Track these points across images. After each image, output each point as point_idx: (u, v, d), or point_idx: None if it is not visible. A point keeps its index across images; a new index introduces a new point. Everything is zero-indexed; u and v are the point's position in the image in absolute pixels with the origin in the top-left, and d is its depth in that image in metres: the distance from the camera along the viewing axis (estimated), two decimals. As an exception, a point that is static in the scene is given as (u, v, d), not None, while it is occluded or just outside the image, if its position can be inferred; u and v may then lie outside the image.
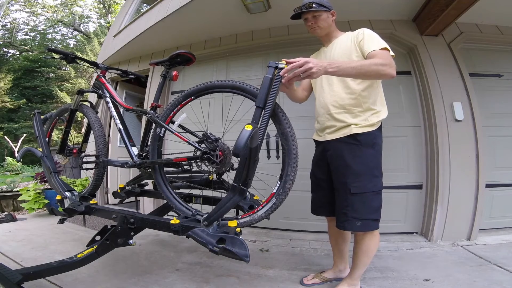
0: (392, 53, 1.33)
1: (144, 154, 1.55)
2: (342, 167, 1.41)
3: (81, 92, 1.90)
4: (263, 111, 1.15)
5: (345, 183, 1.38)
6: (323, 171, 1.56)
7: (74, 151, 1.96)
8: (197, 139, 1.37)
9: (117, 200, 2.38)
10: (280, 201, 1.21)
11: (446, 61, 2.54)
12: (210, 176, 1.63)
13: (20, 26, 18.22)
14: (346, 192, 1.38)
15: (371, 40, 1.36)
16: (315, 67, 1.15)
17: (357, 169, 1.37)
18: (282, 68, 1.18)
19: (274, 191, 1.23)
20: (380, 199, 1.40)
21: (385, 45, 1.33)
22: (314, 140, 1.67)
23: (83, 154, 1.93)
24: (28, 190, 3.74)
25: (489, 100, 2.56)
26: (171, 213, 1.74)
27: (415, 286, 1.60)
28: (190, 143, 1.33)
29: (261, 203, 1.27)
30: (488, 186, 2.40)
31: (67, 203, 1.75)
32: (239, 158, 1.07)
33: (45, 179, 3.73)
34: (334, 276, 1.68)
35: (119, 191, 2.02)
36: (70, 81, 16.74)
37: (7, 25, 17.68)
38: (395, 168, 2.48)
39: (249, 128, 0.95)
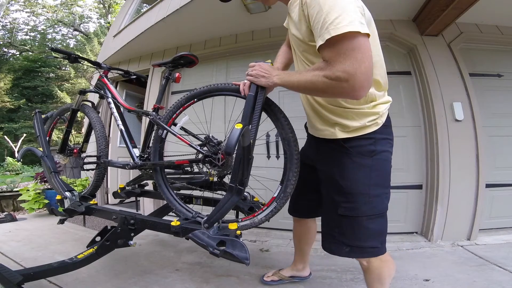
0: (364, 31, 0.77)
1: (145, 156, 1.56)
2: (329, 179, 1.11)
3: (83, 92, 1.90)
4: (254, 109, 1.13)
5: (334, 200, 1.09)
6: (307, 172, 1.29)
7: (75, 151, 1.96)
8: (199, 142, 1.38)
9: (117, 200, 2.39)
10: (280, 205, 1.22)
11: (446, 61, 2.54)
12: (210, 178, 1.63)
13: (20, 26, 18.24)
14: (333, 211, 1.09)
15: (316, 26, 0.83)
16: (257, 75, 1.07)
17: (345, 185, 1.04)
18: None
19: (275, 195, 1.23)
20: (380, 222, 1.06)
21: (334, 27, 0.76)
22: (306, 127, 1.37)
23: (84, 155, 1.94)
24: (28, 190, 3.74)
25: (489, 100, 2.56)
26: (171, 213, 1.74)
27: (415, 286, 1.60)
28: (192, 146, 1.33)
29: (262, 206, 1.27)
30: (488, 186, 2.40)
31: (67, 203, 1.76)
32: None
33: (45, 179, 3.74)
34: (291, 274, 1.69)
35: (119, 191, 2.02)
36: (70, 81, 16.75)
37: (7, 25, 17.69)
38: (395, 168, 2.42)
39: (239, 126, 0.94)
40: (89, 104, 1.94)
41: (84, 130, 2.82)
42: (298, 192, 1.35)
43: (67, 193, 1.77)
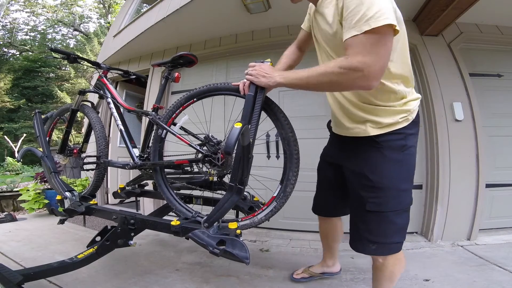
0: (397, 28, 0.83)
1: (145, 156, 1.56)
2: (356, 175, 1.12)
3: (82, 92, 1.90)
4: (253, 109, 1.14)
5: (360, 196, 1.09)
6: (332, 170, 1.31)
7: (75, 151, 1.96)
8: (199, 142, 1.37)
9: (117, 200, 2.38)
10: (280, 205, 1.22)
11: (446, 61, 2.54)
12: (210, 178, 1.63)
13: (20, 26, 18.23)
14: (360, 207, 1.10)
15: (351, 17, 0.84)
16: (257, 75, 1.07)
17: (375, 180, 1.05)
18: None
19: (275, 194, 1.24)
20: (406, 217, 1.08)
21: (375, 20, 0.79)
22: (329, 126, 1.37)
23: (84, 155, 1.94)
24: (28, 190, 3.74)
25: (489, 100, 2.56)
26: (171, 213, 1.74)
27: (415, 286, 1.60)
28: (192, 146, 1.33)
29: (261, 206, 1.28)
30: (488, 186, 2.40)
31: (67, 204, 1.76)
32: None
33: (45, 179, 3.74)
34: (321, 271, 1.69)
35: (119, 191, 2.02)
36: (70, 81, 16.75)
37: (7, 25, 17.69)
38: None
39: (238, 125, 0.94)
40: (89, 104, 1.94)
41: (84, 130, 2.82)
42: (322, 191, 1.43)
43: (67, 193, 1.77)
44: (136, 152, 1.59)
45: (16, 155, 12.88)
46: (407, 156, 1.06)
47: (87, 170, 1.77)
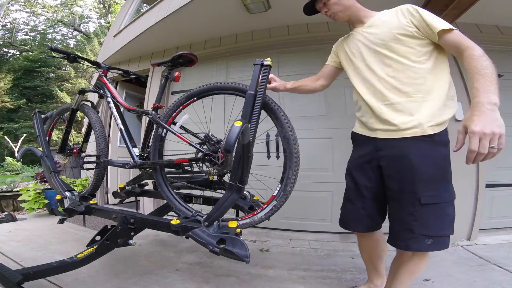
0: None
1: (145, 155, 1.56)
2: (407, 171, 1.11)
3: (82, 91, 1.90)
4: (253, 107, 1.15)
5: (413, 192, 1.09)
6: (369, 177, 1.24)
7: (75, 151, 1.96)
8: (199, 141, 1.38)
9: (117, 200, 2.38)
10: (280, 204, 1.22)
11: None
12: (210, 177, 1.63)
13: (20, 26, 18.26)
14: (413, 203, 1.08)
15: (433, 17, 1.12)
16: (493, 134, 0.95)
17: (430, 174, 1.09)
18: (267, 65, 1.22)
19: (275, 193, 1.24)
20: (454, 209, 1.12)
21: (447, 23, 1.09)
22: (356, 134, 1.33)
23: (84, 154, 1.94)
24: (28, 190, 3.74)
25: (489, 100, 2.56)
26: (171, 213, 1.74)
27: (415, 286, 1.60)
28: (192, 145, 1.33)
29: (261, 204, 1.28)
30: (488, 186, 2.40)
31: (67, 203, 1.76)
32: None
33: (45, 179, 3.74)
34: None
35: (119, 191, 2.02)
36: (70, 81, 16.76)
37: (7, 25, 17.71)
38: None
39: (238, 124, 0.94)
40: (89, 104, 1.94)
41: (84, 130, 2.83)
42: (354, 201, 1.30)
43: (67, 193, 1.77)
44: (136, 151, 1.59)
45: (16, 155, 12.88)
46: (448, 151, 1.15)
47: (87, 169, 1.77)
